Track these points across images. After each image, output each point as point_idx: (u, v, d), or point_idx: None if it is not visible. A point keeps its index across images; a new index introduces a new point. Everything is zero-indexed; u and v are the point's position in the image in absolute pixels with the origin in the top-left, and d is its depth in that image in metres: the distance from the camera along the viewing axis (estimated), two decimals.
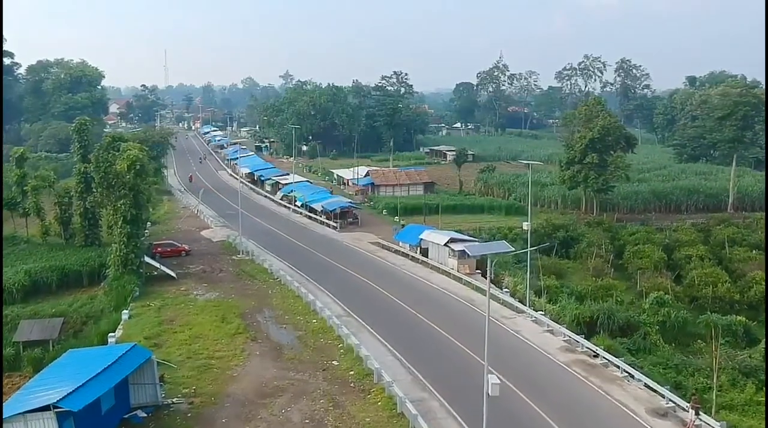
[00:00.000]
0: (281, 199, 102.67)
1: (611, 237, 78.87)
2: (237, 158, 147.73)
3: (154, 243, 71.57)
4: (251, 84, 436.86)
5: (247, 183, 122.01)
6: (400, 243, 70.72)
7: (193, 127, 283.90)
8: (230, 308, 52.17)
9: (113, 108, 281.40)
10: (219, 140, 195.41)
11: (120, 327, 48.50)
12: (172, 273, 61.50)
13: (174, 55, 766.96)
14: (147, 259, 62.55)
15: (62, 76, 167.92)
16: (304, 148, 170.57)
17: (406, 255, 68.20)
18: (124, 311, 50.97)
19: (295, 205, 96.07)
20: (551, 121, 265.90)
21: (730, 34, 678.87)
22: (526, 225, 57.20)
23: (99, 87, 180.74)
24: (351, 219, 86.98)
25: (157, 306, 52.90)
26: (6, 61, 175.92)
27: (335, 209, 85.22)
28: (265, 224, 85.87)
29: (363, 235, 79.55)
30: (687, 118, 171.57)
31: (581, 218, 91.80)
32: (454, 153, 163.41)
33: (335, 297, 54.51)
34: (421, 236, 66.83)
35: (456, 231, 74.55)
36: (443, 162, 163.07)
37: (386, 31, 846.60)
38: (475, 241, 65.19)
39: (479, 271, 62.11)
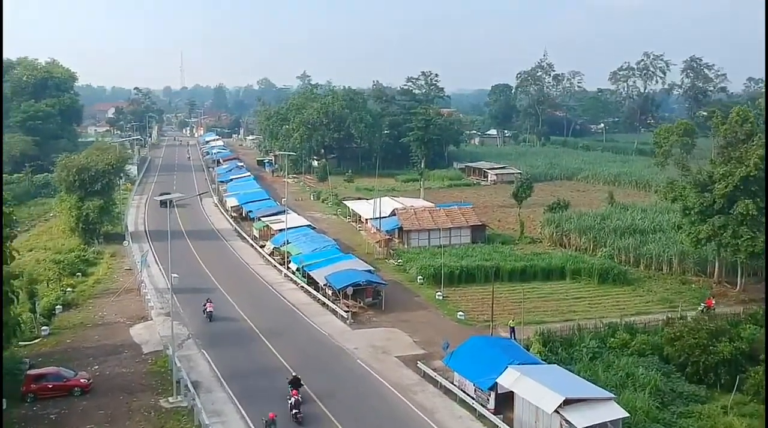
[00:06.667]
0: (271, 254, 72.46)
1: None
2: (228, 181, 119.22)
3: (29, 370, 41.58)
4: (267, 85, 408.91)
5: (233, 222, 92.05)
6: (456, 377, 40.10)
7: (196, 135, 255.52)
8: None
9: (111, 113, 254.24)
10: (217, 154, 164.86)
11: None
12: None
13: (192, 55, 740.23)
14: None
15: (24, 79, 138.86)
16: (315, 163, 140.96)
17: (470, 408, 37.54)
18: None
19: (288, 267, 65.87)
20: (594, 126, 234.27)
21: None
22: None
23: (72, 91, 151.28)
24: (371, 300, 56.63)
25: None
26: None
27: (346, 287, 54.88)
28: (238, 309, 55.61)
29: (389, 339, 49.12)
30: None
31: (718, 293, 60.77)
32: (498, 172, 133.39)
33: None
34: (501, 380, 35.99)
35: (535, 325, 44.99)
36: (483, 182, 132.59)
37: (404, 30, 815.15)
38: (611, 398, 34.20)
39: None
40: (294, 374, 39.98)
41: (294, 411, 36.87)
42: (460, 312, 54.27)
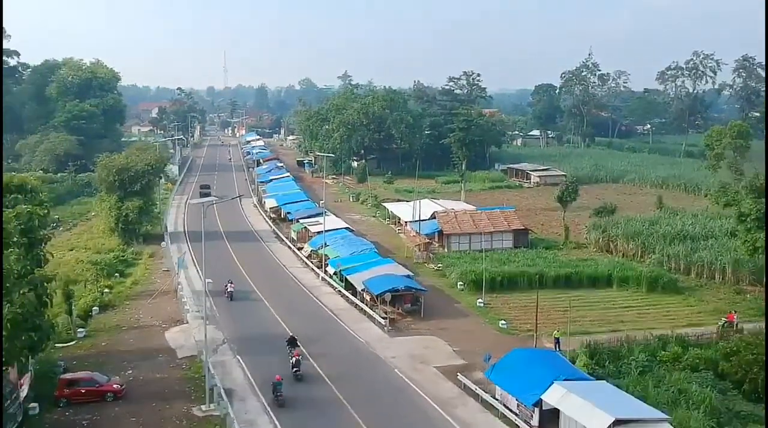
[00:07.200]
0: (309, 257, 71.45)
1: None
2: (268, 181, 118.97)
3: (63, 374, 41.15)
4: (308, 85, 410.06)
5: (271, 223, 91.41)
6: (498, 391, 38.32)
7: (237, 135, 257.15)
8: None
9: (154, 113, 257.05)
10: (257, 154, 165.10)
11: None
12: None
13: (235, 56, 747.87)
14: None
15: (69, 79, 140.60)
16: (354, 164, 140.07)
17: (512, 424, 35.68)
18: None
19: (325, 271, 64.71)
20: (641, 127, 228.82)
21: None
22: None
23: (116, 92, 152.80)
24: (410, 306, 55.10)
25: None
26: (11, 61, 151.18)
27: (384, 293, 53.50)
28: (274, 313, 54.63)
29: (427, 347, 47.51)
30: None
31: None
32: (541, 174, 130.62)
33: None
34: (546, 397, 34.20)
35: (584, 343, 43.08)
36: (526, 184, 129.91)
37: (446, 29, 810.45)
38: (665, 420, 32.15)
39: None
40: (291, 334, 46.05)
41: (294, 369, 41.46)
42: (503, 321, 52.38)
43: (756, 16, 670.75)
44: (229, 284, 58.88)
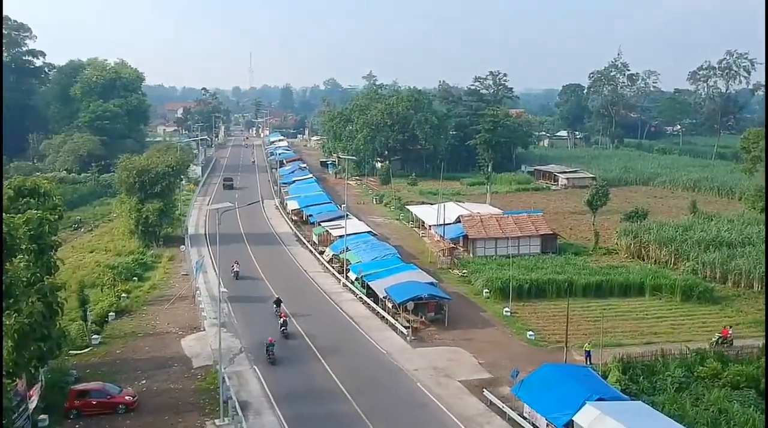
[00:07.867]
0: (330, 261, 69.76)
1: None
2: (291, 183, 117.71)
3: (74, 384, 39.86)
4: (333, 85, 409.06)
5: (293, 226, 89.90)
6: (526, 409, 36.25)
7: (261, 135, 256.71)
8: None
9: (179, 113, 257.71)
10: (281, 154, 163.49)
11: None
12: None
13: (261, 56, 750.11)
14: None
15: (93, 79, 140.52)
16: (378, 165, 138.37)
17: None
18: None
19: (347, 276, 62.95)
20: (670, 128, 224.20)
21: None
22: None
23: (140, 92, 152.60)
24: (433, 315, 53.15)
25: None
26: (37, 62, 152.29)
27: (406, 301, 51.62)
28: (293, 319, 52.92)
29: (451, 359, 45.48)
30: None
31: None
32: (569, 176, 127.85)
33: None
34: (578, 419, 32.06)
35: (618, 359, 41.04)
36: (554, 186, 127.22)
37: (472, 28, 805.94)
38: None
39: None
40: (277, 296, 53.89)
41: (282, 328, 48.44)
42: (530, 332, 50.20)
43: None
44: (235, 264, 63.45)
